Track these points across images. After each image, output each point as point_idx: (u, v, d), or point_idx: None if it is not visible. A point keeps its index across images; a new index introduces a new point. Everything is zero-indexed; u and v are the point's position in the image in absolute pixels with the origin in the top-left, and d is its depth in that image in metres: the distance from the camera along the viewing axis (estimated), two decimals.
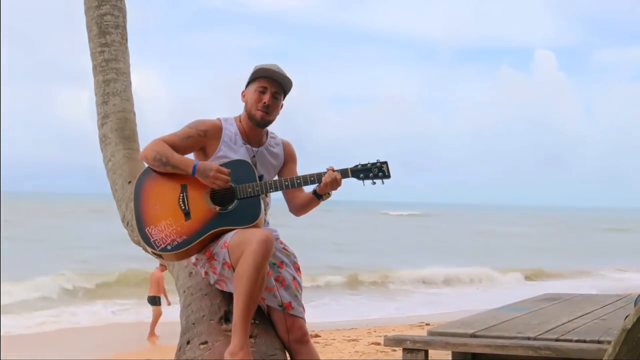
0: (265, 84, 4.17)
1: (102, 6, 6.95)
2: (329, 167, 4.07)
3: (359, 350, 12.03)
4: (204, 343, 3.96)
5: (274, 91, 4.19)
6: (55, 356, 12.81)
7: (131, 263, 23.73)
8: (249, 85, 4.23)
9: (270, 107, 4.18)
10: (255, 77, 4.19)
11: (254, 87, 4.19)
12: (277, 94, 4.21)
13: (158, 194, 4.09)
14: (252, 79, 4.21)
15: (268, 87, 4.17)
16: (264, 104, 4.17)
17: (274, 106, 4.21)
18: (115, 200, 6.40)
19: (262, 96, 4.17)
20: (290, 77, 4.22)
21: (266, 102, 4.17)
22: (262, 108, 4.17)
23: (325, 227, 51.98)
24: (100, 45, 6.91)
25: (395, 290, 23.66)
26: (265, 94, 4.17)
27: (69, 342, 14.52)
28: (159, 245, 3.99)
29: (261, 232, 3.79)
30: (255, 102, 4.17)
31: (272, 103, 4.19)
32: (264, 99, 4.17)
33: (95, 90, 6.94)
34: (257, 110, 4.18)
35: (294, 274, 4.26)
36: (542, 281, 26.04)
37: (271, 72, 4.16)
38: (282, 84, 4.21)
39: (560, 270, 29.56)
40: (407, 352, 4.33)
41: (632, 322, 2.24)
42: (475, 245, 43.38)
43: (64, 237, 39.04)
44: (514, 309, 5.41)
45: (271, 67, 4.18)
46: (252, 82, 4.21)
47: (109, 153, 6.59)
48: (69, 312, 17.94)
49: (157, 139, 4.14)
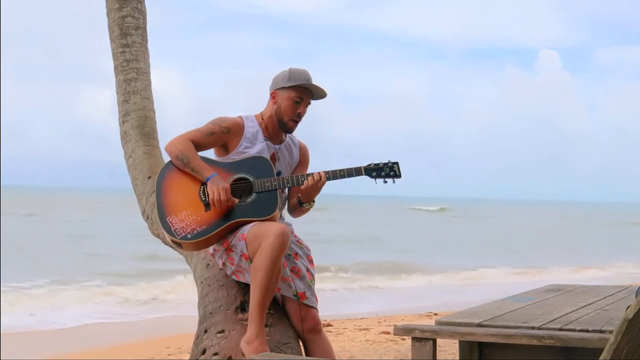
0: (303, 95, 4.17)
1: (123, 8, 6.99)
2: (321, 171, 4.10)
3: (369, 339, 12.02)
4: (221, 332, 3.98)
5: (308, 102, 4.22)
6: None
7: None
8: (284, 89, 4.18)
9: (302, 117, 4.22)
10: (293, 85, 4.16)
11: (289, 95, 4.16)
12: (309, 104, 4.23)
13: (180, 185, 4.11)
14: (288, 86, 4.17)
15: (305, 98, 4.18)
16: (298, 114, 4.19)
17: (304, 115, 4.23)
18: (135, 194, 6.44)
19: (297, 106, 4.17)
20: (324, 89, 4.21)
21: (301, 113, 4.19)
22: (296, 118, 4.19)
23: (367, 223, 50.16)
24: (121, 46, 6.95)
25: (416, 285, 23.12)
26: (300, 105, 4.17)
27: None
28: (180, 233, 4.02)
29: (278, 226, 3.81)
30: (290, 111, 4.17)
31: (304, 112, 4.22)
32: (299, 109, 4.18)
33: (116, 89, 6.98)
34: (290, 120, 4.19)
35: (308, 266, 4.28)
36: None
37: (312, 87, 4.16)
38: (315, 95, 4.23)
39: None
40: (415, 340, 4.34)
41: (634, 312, 2.24)
42: (535, 241, 42.07)
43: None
44: (518, 299, 5.41)
45: (309, 79, 4.16)
46: (288, 88, 4.17)
47: (130, 149, 6.64)
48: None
49: (183, 136, 4.15)
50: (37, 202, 63.80)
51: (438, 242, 37.74)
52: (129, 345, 13.16)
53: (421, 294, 19.51)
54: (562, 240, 40.98)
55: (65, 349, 12.34)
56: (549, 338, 3.97)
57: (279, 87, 4.20)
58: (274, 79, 4.26)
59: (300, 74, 4.17)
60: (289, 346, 3.96)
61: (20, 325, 14.08)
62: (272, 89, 4.24)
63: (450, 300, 17.37)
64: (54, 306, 16.37)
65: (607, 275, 23.81)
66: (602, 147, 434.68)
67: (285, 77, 4.18)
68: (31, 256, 25.79)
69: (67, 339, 13.49)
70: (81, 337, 13.81)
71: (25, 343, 12.63)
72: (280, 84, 4.20)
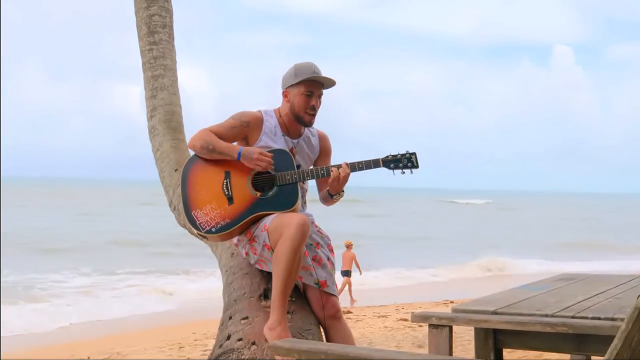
0: (312, 88, 4.14)
1: (150, 7, 7.02)
2: (343, 162, 4.07)
3: (388, 326, 12.03)
4: (245, 318, 3.99)
5: (320, 94, 4.20)
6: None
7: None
8: (293, 87, 4.17)
9: (316, 108, 4.19)
10: (300, 81, 4.14)
11: (299, 91, 4.14)
12: (320, 94, 4.21)
13: (203, 180, 4.12)
14: (296, 82, 4.15)
15: (315, 90, 4.16)
16: (312, 107, 4.17)
17: (318, 106, 4.21)
18: (163, 186, 6.47)
19: (309, 100, 4.14)
20: (332, 78, 4.17)
21: (315, 105, 4.17)
22: (310, 111, 4.17)
23: (402, 223, 46.98)
24: (149, 44, 6.98)
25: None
26: (312, 98, 4.15)
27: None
28: (204, 227, 4.04)
29: (298, 217, 3.81)
30: (304, 106, 4.15)
31: (318, 104, 4.20)
32: (312, 102, 4.15)
33: (144, 85, 7.02)
34: (306, 114, 4.17)
35: (329, 255, 4.28)
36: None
37: (320, 78, 4.14)
38: (326, 85, 4.20)
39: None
40: (432, 327, 4.33)
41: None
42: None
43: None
44: (532, 288, 5.38)
45: (315, 70, 4.13)
46: (297, 84, 4.15)
47: (157, 143, 6.67)
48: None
49: (203, 129, 4.16)
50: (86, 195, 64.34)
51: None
52: (157, 329, 13.27)
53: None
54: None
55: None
56: (562, 325, 3.94)
57: (289, 85, 4.19)
58: (282, 78, 4.25)
59: (306, 68, 4.15)
60: (310, 332, 3.97)
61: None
62: (283, 88, 4.23)
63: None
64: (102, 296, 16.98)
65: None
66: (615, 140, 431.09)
67: (292, 75, 4.18)
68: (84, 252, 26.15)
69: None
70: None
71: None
72: (289, 81, 4.19)
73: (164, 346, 11.15)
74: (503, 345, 4.35)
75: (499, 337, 4.32)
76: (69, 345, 12.37)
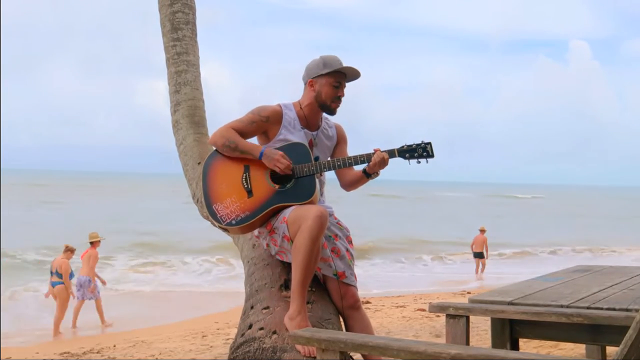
0: (340, 79, 4.19)
1: (174, 4, 7.04)
2: (376, 148, 4.07)
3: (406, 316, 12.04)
4: (266, 308, 4.00)
5: (344, 85, 4.23)
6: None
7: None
8: (321, 77, 4.19)
9: (341, 98, 4.23)
10: (329, 72, 4.17)
11: (328, 81, 4.17)
12: (345, 86, 4.24)
13: (224, 174, 4.14)
14: (325, 73, 4.18)
15: (342, 82, 4.20)
16: (339, 97, 4.20)
17: (343, 96, 4.25)
18: (186, 179, 6.50)
19: (337, 90, 4.18)
20: (358, 70, 4.21)
21: (341, 95, 4.21)
22: (337, 101, 4.21)
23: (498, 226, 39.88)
24: (172, 40, 7.01)
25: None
26: (339, 89, 4.19)
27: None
28: (225, 220, 4.05)
29: (316, 209, 3.81)
30: (331, 96, 4.18)
31: (344, 94, 4.24)
32: (339, 92, 4.19)
33: (168, 80, 7.05)
34: (333, 103, 4.20)
35: (347, 246, 4.28)
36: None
37: (347, 69, 4.17)
38: (349, 77, 4.24)
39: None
40: (449, 317, 4.33)
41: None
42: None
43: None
44: (548, 279, 5.36)
45: (341, 63, 4.18)
46: (325, 75, 4.18)
47: (181, 137, 6.70)
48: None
49: (225, 126, 4.17)
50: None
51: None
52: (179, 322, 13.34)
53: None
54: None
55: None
56: (577, 316, 3.93)
57: (316, 75, 4.20)
58: (307, 69, 4.25)
59: (333, 60, 4.19)
60: (329, 322, 3.97)
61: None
62: (309, 78, 4.24)
63: None
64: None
65: None
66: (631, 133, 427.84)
67: (319, 65, 4.20)
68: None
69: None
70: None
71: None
72: (316, 72, 4.20)
73: (187, 335, 11.23)
74: (519, 335, 4.34)
75: (515, 327, 4.31)
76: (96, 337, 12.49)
